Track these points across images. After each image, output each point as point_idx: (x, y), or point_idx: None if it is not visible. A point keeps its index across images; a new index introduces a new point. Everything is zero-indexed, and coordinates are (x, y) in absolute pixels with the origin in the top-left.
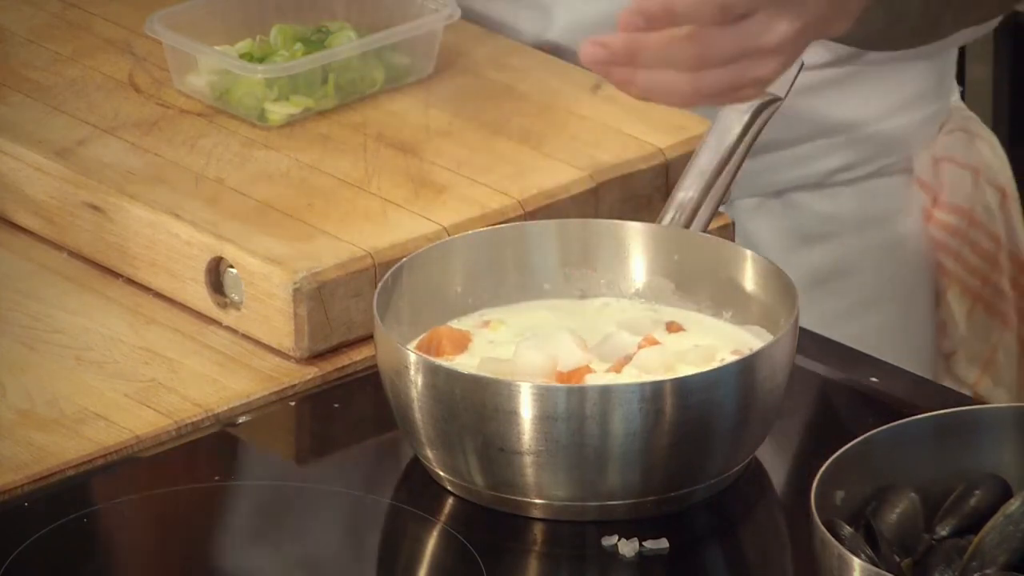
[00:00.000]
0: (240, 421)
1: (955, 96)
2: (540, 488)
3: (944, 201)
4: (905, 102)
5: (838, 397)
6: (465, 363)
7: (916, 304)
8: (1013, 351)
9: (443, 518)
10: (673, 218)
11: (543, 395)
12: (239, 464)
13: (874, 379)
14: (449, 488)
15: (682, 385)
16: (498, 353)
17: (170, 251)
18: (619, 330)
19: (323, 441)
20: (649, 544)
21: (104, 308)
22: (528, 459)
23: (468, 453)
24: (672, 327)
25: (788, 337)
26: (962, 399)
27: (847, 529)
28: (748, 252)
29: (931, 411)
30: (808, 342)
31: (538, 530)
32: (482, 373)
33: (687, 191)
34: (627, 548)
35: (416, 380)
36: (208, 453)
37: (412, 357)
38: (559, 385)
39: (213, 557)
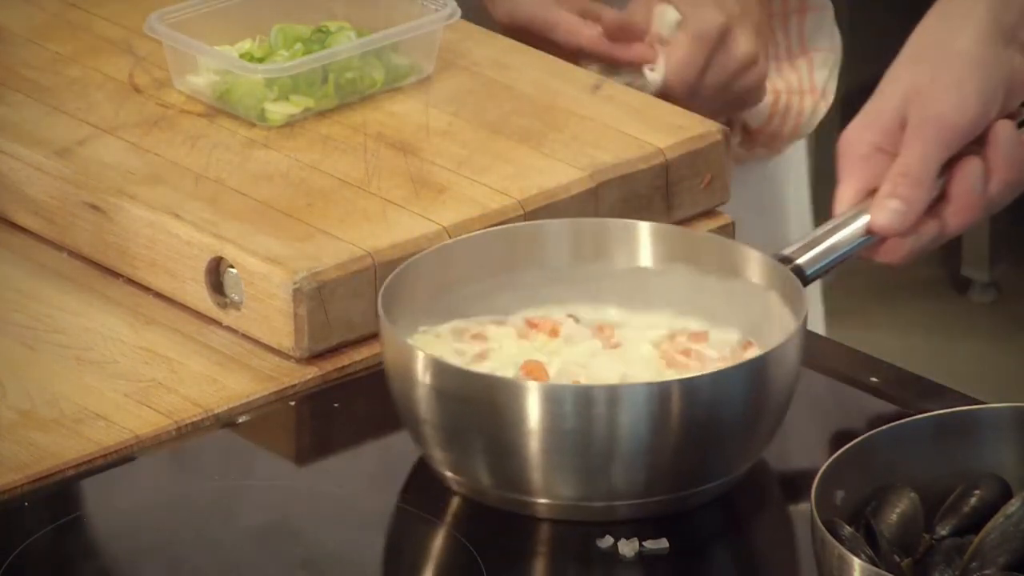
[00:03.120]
0: (240, 421)
1: None
2: (547, 487)
3: None
4: None
5: (838, 397)
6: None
7: None
8: None
9: (443, 518)
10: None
11: (549, 394)
12: (239, 464)
13: (874, 379)
14: (455, 488)
15: (689, 386)
16: None
17: (170, 251)
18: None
19: (323, 441)
20: (649, 544)
21: (104, 308)
22: (535, 459)
23: (475, 452)
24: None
25: (796, 338)
26: (962, 399)
27: (847, 529)
28: (756, 252)
29: (931, 411)
30: (808, 342)
31: (538, 530)
32: (489, 372)
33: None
34: (627, 548)
35: (424, 379)
36: (208, 453)
37: (420, 355)
38: (567, 385)
39: (213, 557)
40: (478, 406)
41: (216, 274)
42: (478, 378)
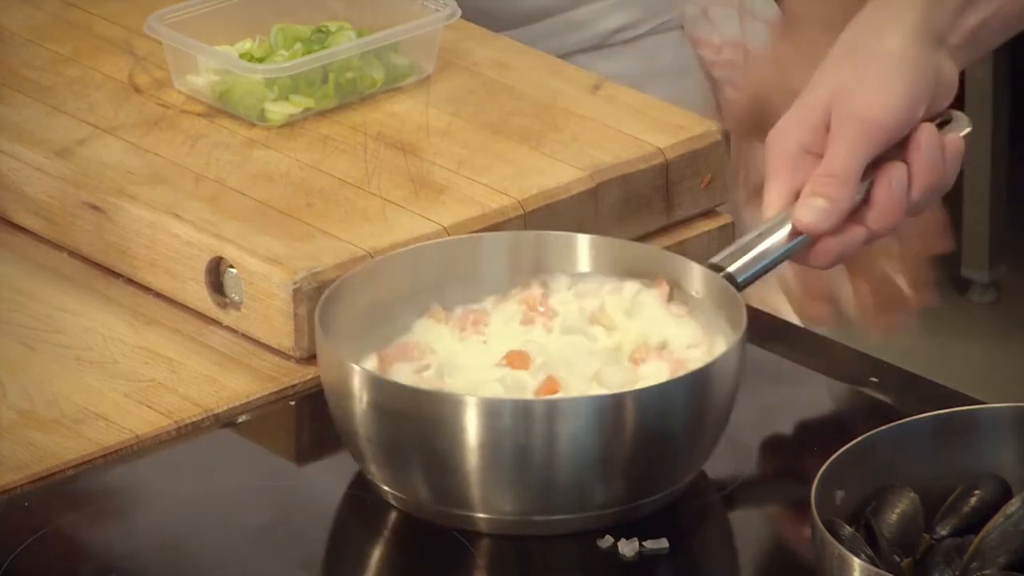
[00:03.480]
0: (240, 421)
1: None
2: (486, 503)
3: (718, 43)
4: None
5: (838, 397)
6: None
7: None
8: None
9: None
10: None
11: (488, 408)
12: (239, 464)
13: (874, 379)
14: (393, 503)
15: (628, 399)
16: None
17: (170, 251)
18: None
19: (323, 441)
20: (649, 544)
21: (104, 308)
22: (473, 474)
23: (412, 468)
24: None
25: (736, 350)
26: (962, 399)
27: (847, 529)
28: (692, 263)
29: (931, 411)
30: (808, 342)
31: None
32: (424, 387)
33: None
34: (627, 548)
35: (360, 395)
36: (208, 453)
37: (356, 371)
38: (504, 398)
39: (213, 557)
40: (415, 422)
41: (216, 274)
42: (415, 393)
